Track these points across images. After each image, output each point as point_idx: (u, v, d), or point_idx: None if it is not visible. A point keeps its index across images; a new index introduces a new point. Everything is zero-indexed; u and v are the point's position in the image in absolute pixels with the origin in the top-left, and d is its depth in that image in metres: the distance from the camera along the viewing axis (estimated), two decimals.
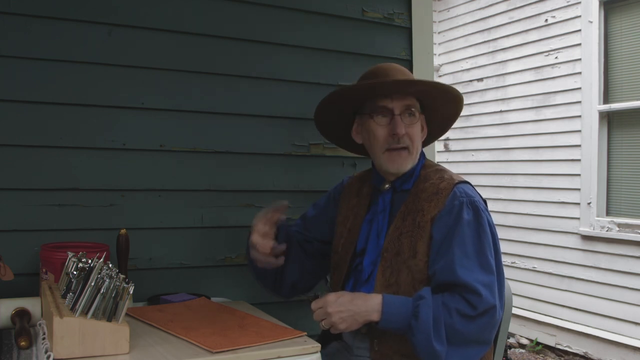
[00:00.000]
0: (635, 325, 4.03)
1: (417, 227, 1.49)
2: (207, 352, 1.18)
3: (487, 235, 1.45)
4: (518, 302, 4.71)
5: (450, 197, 1.48)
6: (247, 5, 2.03)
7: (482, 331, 1.38)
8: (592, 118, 4.35)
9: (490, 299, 1.37)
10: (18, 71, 1.71)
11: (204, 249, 1.98)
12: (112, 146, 1.83)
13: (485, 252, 1.43)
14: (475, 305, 1.36)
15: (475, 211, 1.46)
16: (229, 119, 2.00)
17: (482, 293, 1.36)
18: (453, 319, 1.36)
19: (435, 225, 1.47)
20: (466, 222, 1.44)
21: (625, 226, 4.16)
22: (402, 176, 1.59)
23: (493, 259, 1.44)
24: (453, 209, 1.46)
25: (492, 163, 5.22)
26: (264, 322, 1.42)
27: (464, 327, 1.36)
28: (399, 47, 2.29)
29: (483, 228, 1.45)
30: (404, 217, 1.54)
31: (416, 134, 1.58)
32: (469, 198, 1.48)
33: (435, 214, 1.47)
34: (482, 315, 1.36)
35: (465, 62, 5.50)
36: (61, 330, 1.12)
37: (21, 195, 1.72)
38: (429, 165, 1.63)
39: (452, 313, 1.36)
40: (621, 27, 4.26)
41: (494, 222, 1.51)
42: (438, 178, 1.55)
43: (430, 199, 1.50)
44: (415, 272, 1.47)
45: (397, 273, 1.49)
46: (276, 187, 2.09)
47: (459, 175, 1.58)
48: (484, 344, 1.42)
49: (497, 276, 1.44)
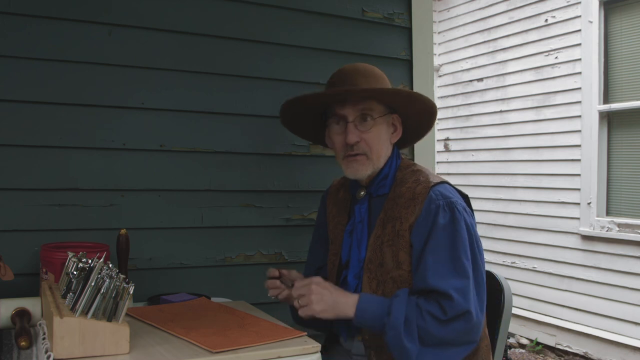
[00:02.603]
0: (635, 325, 4.03)
1: (397, 236, 1.47)
2: (207, 352, 1.18)
3: (462, 239, 1.41)
4: (518, 302, 4.71)
5: (426, 202, 1.45)
6: (247, 5, 2.03)
7: (457, 335, 1.37)
8: (592, 118, 4.35)
9: (463, 304, 1.36)
10: (18, 71, 1.71)
11: (204, 249, 1.98)
12: (112, 146, 1.83)
13: (460, 256, 1.40)
14: (446, 310, 1.35)
15: (452, 213, 1.43)
16: (229, 119, 2.00)
17: (455, 298, 1.35)
18: (425, 321, 1.36)
19: (414, 233, 1.45)
20: (441, 226, 1.41)
21: (625, 226, 4.16)
22: (376, 181, 1.57)
23: (469, 262, 1.41)
24: (429, 214, 1.43)
25: (492, 163, 5.22)
26: (264, 322, 1.42)
27: (436, 330, 1.36)
28: (399, 47, 2.29)
29: (458, 232, 1.41)
30: (383, 224, 1.51)
31: (373, 139, 1.53)
32: (445, 200, 1.44)
33: (413, 222, 1.45)
34: (454, 320, 1.36)
35: (465, 62, 5.50)
36: (61, 330, 1.11)
37: (21, 195, 1.72)
38: (405, 167, 1.58)
39: (424, 315, 1.36)
40: (621, 27, 4.26)
41: (473, 221, 1.48)
42: (414, 181, 1.51)
43: (407, 205, 1.48)
44: (400, 283, 1.46)
45: (383, 285, 1.48)
46: (276, 187, 2.09)
47: (437, 176, 1.54)
48: (465, 345, 1.41)
49: (475, 278, 1.41)
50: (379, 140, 1.54)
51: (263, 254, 2.07)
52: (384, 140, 1.56)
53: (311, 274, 1.73)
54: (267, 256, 2.08)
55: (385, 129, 1.56)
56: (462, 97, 5.55)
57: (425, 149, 2.30)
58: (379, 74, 1.60)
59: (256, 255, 2.06)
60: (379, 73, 1.60)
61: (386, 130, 1.57)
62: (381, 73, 1.61)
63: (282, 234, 2.10)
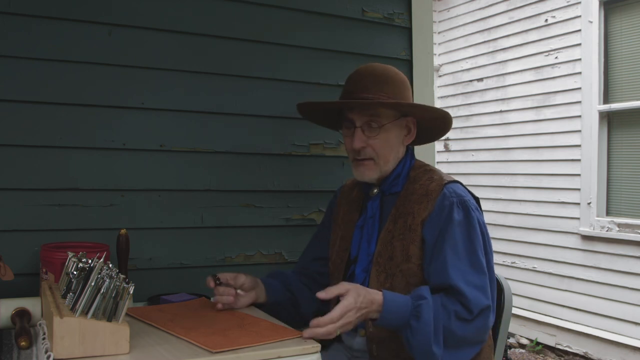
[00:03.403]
0: (635, 325, 4.03)
1: (408, 230, 1.48)
2: (207, 352, 1.18)
3: (478, 235, 1.44)
4: (518, 302, 4.71)
5: (440, 198, 1.47)
6: (247, 5, 2.03)
7: (477, 333, 1.39)
8: (592, 118, 4.35)
9: (484, 300, 1.38)
10: (18, 71, 1.71)
11: (204, 249, 1.98)
12: (112, 146, 1.83)
13: (477, 252, 1.42)
14: (471, 308, 1.36)
15: (465, 211, 1.45)
16: (229, 119, 2.00)
17: (477, 295, 1.37)
18: (451, 322, 1.36)
19: (426, 227, 1.46)
20: (457, 222, 1.43)
21: (625, 226, 4.16)
22: (389, 180, 1.58)
23: (484, 258, 1.43)
24: (443, 210, 1.45)
25: (492, 163, 5.22)
26: (264, 322, 1.42)
27: (461, 330, 1.36)
28: (399, 47, 2.29)
29: (474, 228, 1.44)
30: (394, 220, 1.53)
31: (380, 144, 1.54)
32: (459, 198, 1.47)
33: (426, 217, 1.47)
34: (478, 317, 1.37)
35: (465, 62, 5.50)
36: (61, 330, 1.11)
37: (21, 195, 1.72)
38: (418, 166, 1.61)
39: (450, 316, 1.36)
40: (621, 27, 4.26)
41: (485, 221, 1.50)
42: (427, 179, 1.54)
43: (420, 201, 1.49)
44: (409, 277, 1.47)
45: (392, 277, 1.49)
46: (276, 187, 2.09)
47: (449, 175, 1.57)
48: (477, 344, 1.42)
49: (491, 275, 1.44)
50: (386, 146, 1.55)
51: (263, 254, 2.07)
52: (393, 145, 1.57)
53: (306, 264, 1.75)
54: (267, 256, 2.08)
55: (396, 133, 1.57)
56: (462, 97, 5.55)
57: (426, 149, 2.30)
58: (395, 77, 1.59)
59: (256, 255, 2.06)
60: (396, 76, 1.60)
61: (397, 134, 1.58)
62: (398, 76, 1.61)
63: (282, 234, 2.10)
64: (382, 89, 1.55)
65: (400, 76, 1.61)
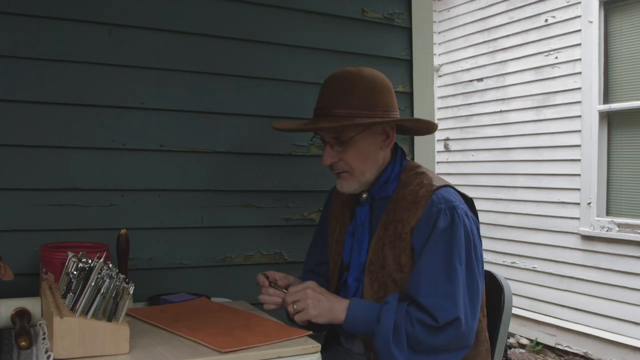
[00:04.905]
0: (635, 325, 4.03)
1: (398, 238, 1.46)
2: (213, 352, 1.18)
3: (459, 243, 1.39)
4: (518, 302, 4.71)
5: (428, 206, 1.43)
6: (247, 5, 2.03)
7: (449, 342, 1.37)
8: (592, 118, 4.35)
9: (452, 310, 1.35)
10: (17, 71, 1.71)
11: (204, 249, 1.98)
12: (112, 146, 1.83)
13: (454, 262, 1.38)
14: (436, 317, 1.34)
15: (452, 217, 1.41)
16: (229, 119, 2.00)
17: (444, 304, 1.35)
18: (415, 329, 1.35)
19: (415, 236, 1.44)
20: (440, 230, 1.40)
21: (625, 226, 4.16)
22: (377, 184, 1.55)
23: (462, 267, 1.39)
24: (431, 217, 1.42)
25: (492, 163, 5.22)
26: (269, 322, 1.42)
27: (427, 337, 1.35)
28: (399, 47, 2.29)
29: (457, 235, 1.39)
30: (385, 226, 1.50)
31: (352, 157, 1.50)
32: (448, 204, 1.43)
33: (414, 225, 1.44)
34: (445, 327, 1.35)
35: (465, 62, 5.50)
36: (61, 330, 1.11)
37: (21, 195, 1.72)
38: (409, 169, 1.56)
39: (414, 323, 1.36)
40: (621, 27, 4.26)
41: (474, 225, 1.46)
42: (417, 184, 1.49)
43: (409, 208, 1.47)
44: (402, 286, 1.45)
45: (385, 287, 1.48)
46: (276, 187, 2.09)
47: (441, 178, 1.53)
48: (459, 350, 1.40)
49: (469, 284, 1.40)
50: (358, 157, 1.51)
51: (263, 254, 2.07)
52: (367, 154, 1.52)
53: (313, 267, 1.75)
54: (267, 256, 2.08)
55: (369, 142, 1.51)
56: (462, 97, 5.55)
57: (425, 149, 2.30)
58: (361, 84, 1.50)
59: (256, 255, 2.06)
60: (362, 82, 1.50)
61: (371, 142, 1.52)
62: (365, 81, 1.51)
63: (282, 234, 2.10)
64: (345, 101, 1.47)
65: (367, 80, 1.50)
